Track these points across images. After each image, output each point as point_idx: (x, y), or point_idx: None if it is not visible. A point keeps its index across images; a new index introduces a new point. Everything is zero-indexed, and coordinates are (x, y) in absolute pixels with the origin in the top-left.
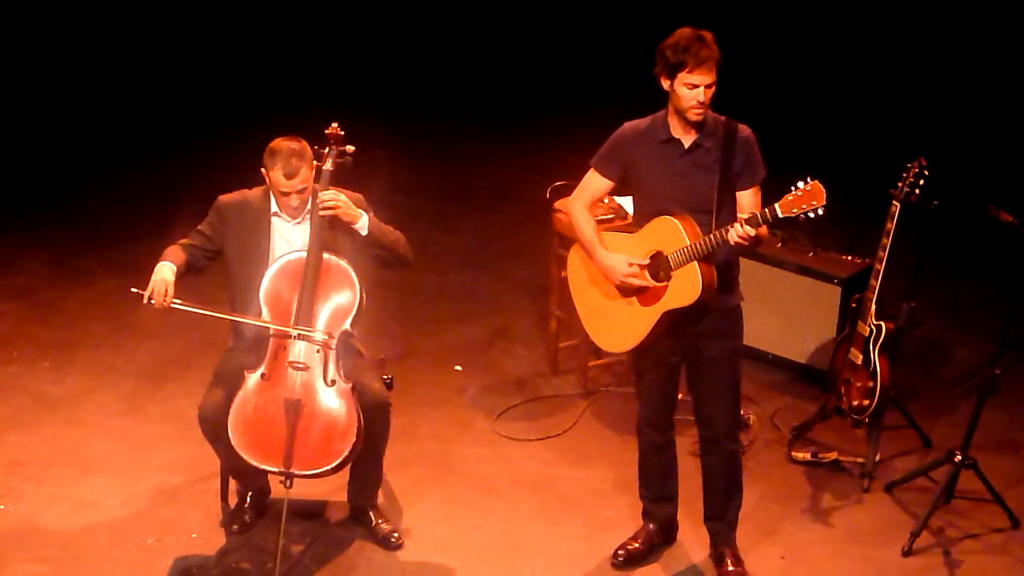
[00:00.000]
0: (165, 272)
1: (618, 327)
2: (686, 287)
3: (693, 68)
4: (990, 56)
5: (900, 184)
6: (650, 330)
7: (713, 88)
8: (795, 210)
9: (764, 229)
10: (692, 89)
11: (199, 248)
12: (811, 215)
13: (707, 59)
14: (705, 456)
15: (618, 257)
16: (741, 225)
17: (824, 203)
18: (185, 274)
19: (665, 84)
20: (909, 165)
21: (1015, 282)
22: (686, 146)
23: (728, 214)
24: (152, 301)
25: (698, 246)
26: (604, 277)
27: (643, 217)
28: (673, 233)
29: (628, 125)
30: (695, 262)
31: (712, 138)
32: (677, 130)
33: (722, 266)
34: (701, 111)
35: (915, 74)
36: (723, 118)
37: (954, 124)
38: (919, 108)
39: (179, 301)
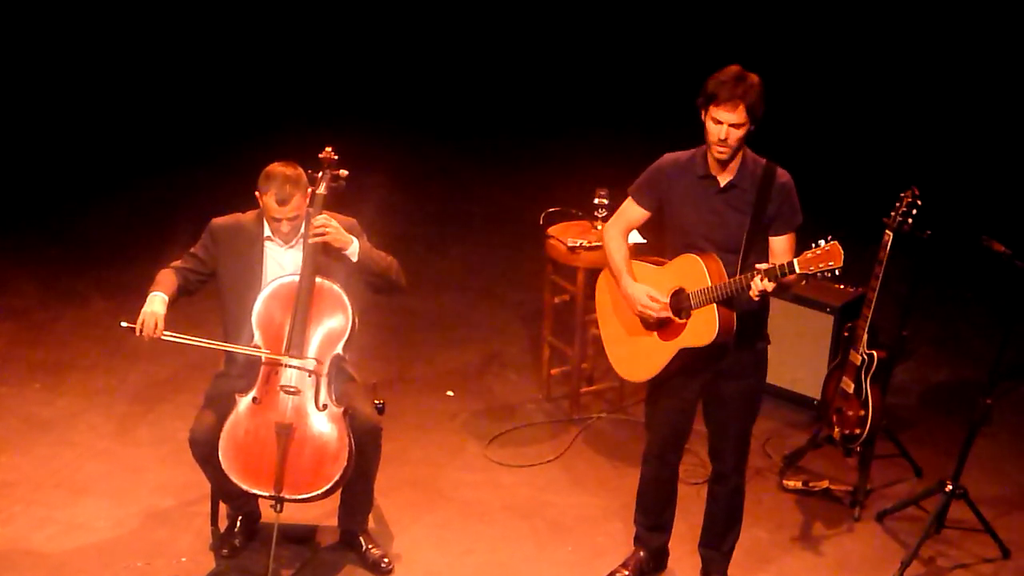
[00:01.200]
0: (156, 305)
1: (637, 357)
2: (703, 328)
3: (720, 103)
4: (983, 87)
5: (893, 213)
6: (666, 364)
7: (742, 130)
8: (812, 268)
9: (791, 278)
10: (717, 125)
11: (192, 271)
12: (827, 274)
13: (736, 97)
14: (712, 484)
15: (641, 288)
16: (761, 279)
17: (841, 264)
18: (177, 299)
19: (703, 115)
20: (902, 194)
21: (1007, 312)
22: (721, 184)
23: (757, 257)
24: (142, 333)
25: (719, 289)
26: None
27: (673, 251)
28: (697, 272)
29: (668, 156)
30: (714, 304)
31: (750, 180)
32: (714, 167)
33: (752, 309)
34: (724, 150)
35: (909, 103)
36: (764, 161)
37: (947, 154)
38: (912, 137)
39: (169, 333)
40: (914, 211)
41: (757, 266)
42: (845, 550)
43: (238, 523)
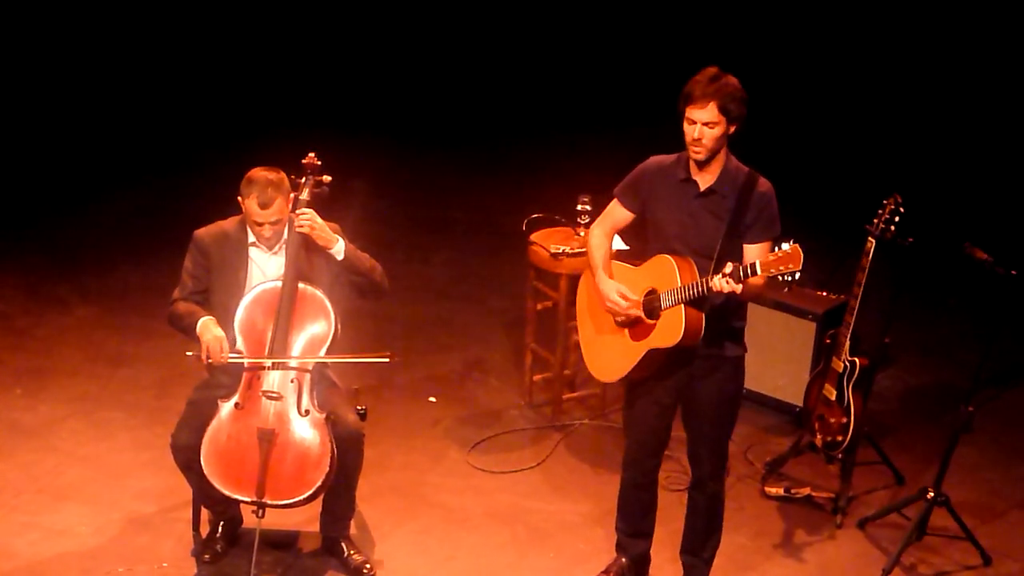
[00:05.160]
0: (214, 328)
1: (609, 357)
2: (670, 329)
3: (693, 102)
4: (966, 94)
5: (876, 220)
6: (634, 365)
7: (716, 129)
8: (773, 270)
9: (759, 281)
10: (690, 125)
11: (195, 292)
12: (788, 277)
13: (708, 96)
14: (691, 491)
15: (612, 285)
16: (725, 280)
17: (800, 268)
18: None
19: (682, 118)
20: (885, 201)
21: (989, 319)
22: (701, 188)
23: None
24: (210, 360)
25: (687, 290)
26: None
27: (652, 253)
28: (668, 273)
29: (653, 159)
30: (682, 305)
31: (730, 186)
32: (695, 171)
33: (724, 314)
34: (699, 150)
35: (892, 111)
36: (747, 169)
37: (930, 161)
38: (895, 145)
39: (234, 355)
40: (897, 218)
41: (723, 269)
42: (827, 557)
43: (220, 529)
